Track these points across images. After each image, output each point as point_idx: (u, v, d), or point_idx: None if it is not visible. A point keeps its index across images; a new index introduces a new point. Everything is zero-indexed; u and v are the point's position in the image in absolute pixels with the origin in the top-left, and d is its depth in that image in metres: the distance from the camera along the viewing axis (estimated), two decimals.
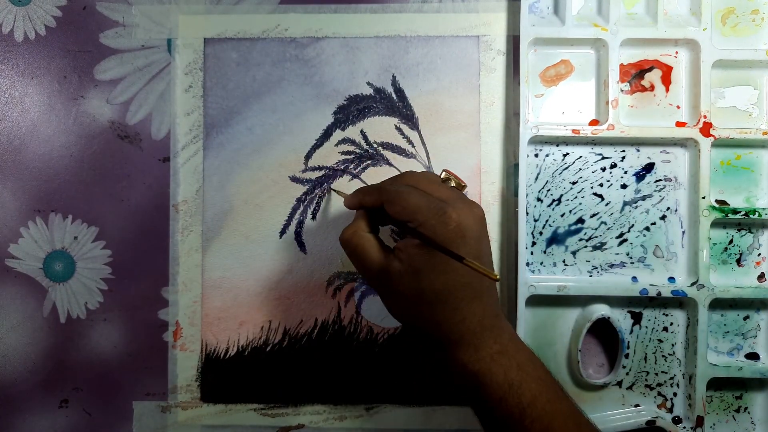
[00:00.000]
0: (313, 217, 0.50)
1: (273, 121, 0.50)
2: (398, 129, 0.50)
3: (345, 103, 0.50)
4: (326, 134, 0.50)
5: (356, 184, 0.50)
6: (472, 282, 0.37)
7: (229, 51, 0.50)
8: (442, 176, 0.41)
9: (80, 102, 0.51)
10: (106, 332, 0.50)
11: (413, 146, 0.50)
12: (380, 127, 0.50)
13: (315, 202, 0.50)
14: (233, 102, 0.50)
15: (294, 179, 0.50)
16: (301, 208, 0.50)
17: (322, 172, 0.50)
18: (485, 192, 0.50)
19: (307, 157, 0.50)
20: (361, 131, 0.50)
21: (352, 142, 0.50)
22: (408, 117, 0.50)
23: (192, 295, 0.50)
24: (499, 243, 0.49)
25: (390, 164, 0.50)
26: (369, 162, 0.50)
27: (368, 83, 0.50)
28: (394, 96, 0.50)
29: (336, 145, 0.50)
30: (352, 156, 0.50)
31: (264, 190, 0.50)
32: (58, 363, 0.51)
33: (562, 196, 0.49)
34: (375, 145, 0.50)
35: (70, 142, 0.51)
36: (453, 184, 0.41)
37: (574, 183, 0.49)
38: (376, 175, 0.50)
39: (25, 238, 0.51)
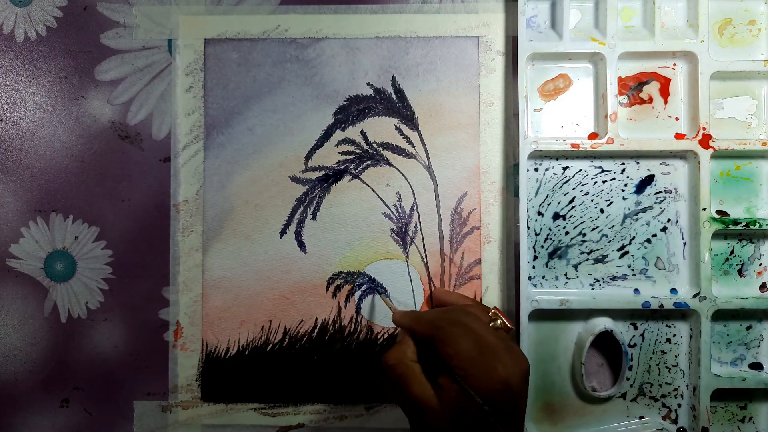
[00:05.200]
0: (313, 217, 0.50)
1: (273, 122, 0.50)
2: (398, 129, 0.50)
3: (345, 103, 0.50)
4: (326, 134, 0.50)
5: (357, 185, 0.50)
6: None
7: (229, 51, 0.50)
8: (491, 315, 0.41)
9: (81, 102, 0.51)
10: (107, 332, 0.51)
11: (413, 146, 0.50)
12: (380, 128, 0.50)
13: (315, 202, 0.50)
14: (234, 102, 0.50)
15: (294, 179, 0.50)
16: (302, 208, 0.50)
17: (323, 172, 0.50)
18: (485, 192, 0.50)
19: (308, 157, 0.50)
20: (361, 131, 0.50)
21: (352, 142, 0.50)
22: (408, 117, 0.50)
23: (192, 294, 0.50)
24: (498, 243, 0.50)
25: (390, 164, 0.50)
26: (369, 162, 0.50)
27: (368, 84, 0.50)
28: (394, 96, 0.50)
29: (336, 145, 0.50)
30: (352, 156, 0.50)
31: (264, 190, 0.50)
32: (58, 363, 0.51)
33: (562, 209, 0.49)
34: (375, 146, 0.50)
35: (70, 142, 0.51)
36: (500, 324, 0.41)
37: (574, 197, 0.49)
38: (376, 175, 0.50)
39: (26, 238, 0.51)
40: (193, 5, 0.51)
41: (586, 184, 0.49)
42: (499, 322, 0.41)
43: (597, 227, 0.49)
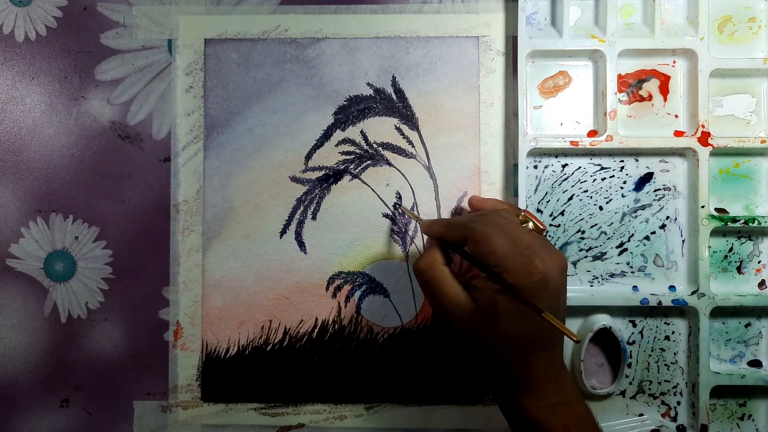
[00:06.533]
0: (313, 217, 0.50)
1: (273, 122, 0.50)
2: (398, 129, 0.50)
3: (345, 103, 0.50)
4: (326, 134, 0.50)
5: (357, 185, 0.50)
6: (544, 332, 0.37)
7: (229, 51, 0.50)
8: (521, 218, 0.41)
9: (81, 102, 0.51)
10: (107, 332, 0.51)
11: (413, 146, 0.50)
12: (380, 128, 0.50)
13: (315, 202, 0.50)
14: (234, 102, 0.50)
15: (294, 179, 0.50)
16: (302, 208, 0.50)
17: (323, 172, 0.50)
18: (485, 192, 0.50)
19: (308, 157, 0.50)
20: (361, 131, 0.50)
21: (352, 142, 0.50)
22: (408, 117, 0.50)
23: (192, 294, 0.50)
24: None
25: (390, 164, 0.50)
26: (369, 162, 0.50)
27: (368, 84, 0.50)
28: (393, 96, 0.50)
29: (336, 145, 0.50)
30: (352, 156, 0.50)
31: (264, 190, 0.50)
32: (59, 363, 0.51)
33: (561, 206, 0.49)
34: (375, 146, 0.50)
35: (70, 142, 0.51)
36: (532, 227, 0.40)
37: (573, 194, 0.49)
38: (375, 175, 0.50)
39: (26, 238, 0.51)
40: (193, 5, 0.51)
41: (585, 181, 0.49)
42: (530, 224, 0.40)
43: (596, 224, 0.49)
